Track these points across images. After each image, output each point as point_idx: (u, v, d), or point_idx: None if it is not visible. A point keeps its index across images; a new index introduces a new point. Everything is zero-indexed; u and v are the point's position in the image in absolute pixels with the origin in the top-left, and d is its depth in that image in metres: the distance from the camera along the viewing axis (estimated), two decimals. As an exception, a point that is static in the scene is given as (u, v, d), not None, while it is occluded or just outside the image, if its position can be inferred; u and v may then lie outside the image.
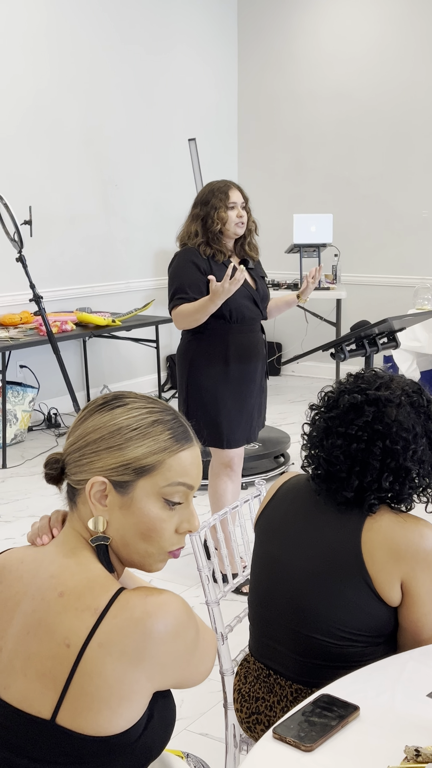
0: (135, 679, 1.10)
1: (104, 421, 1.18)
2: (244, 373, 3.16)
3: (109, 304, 6.10)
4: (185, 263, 3.08)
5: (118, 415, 1.19)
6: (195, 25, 6.60)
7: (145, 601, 1.12)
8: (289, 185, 6.96)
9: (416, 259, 6.45)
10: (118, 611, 1.11)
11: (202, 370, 3.15)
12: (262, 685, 1.68)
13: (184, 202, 6.47)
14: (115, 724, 1.10)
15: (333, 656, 1.57)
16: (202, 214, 3.10)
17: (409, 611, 1.56)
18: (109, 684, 1.09)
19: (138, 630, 1.10)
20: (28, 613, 1.16)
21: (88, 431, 1.19)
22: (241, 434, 3.21)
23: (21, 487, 4.50)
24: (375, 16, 6.34)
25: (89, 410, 1.21)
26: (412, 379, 1.71)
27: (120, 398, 1.22)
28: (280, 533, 1.67)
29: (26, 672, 1.13)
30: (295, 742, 1.28)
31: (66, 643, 1.11)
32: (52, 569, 1.18)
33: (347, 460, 1.60)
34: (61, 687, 1.10)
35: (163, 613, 1.12)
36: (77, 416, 1.23)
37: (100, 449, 1.18)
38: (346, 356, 2.92)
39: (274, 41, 6.88)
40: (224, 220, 3.07)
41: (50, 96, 5.47)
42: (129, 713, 1.11)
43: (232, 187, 3.13)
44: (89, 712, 1.09)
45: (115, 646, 1.10)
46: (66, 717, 1.10)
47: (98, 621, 1.11)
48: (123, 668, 1.09)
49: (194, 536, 1.79)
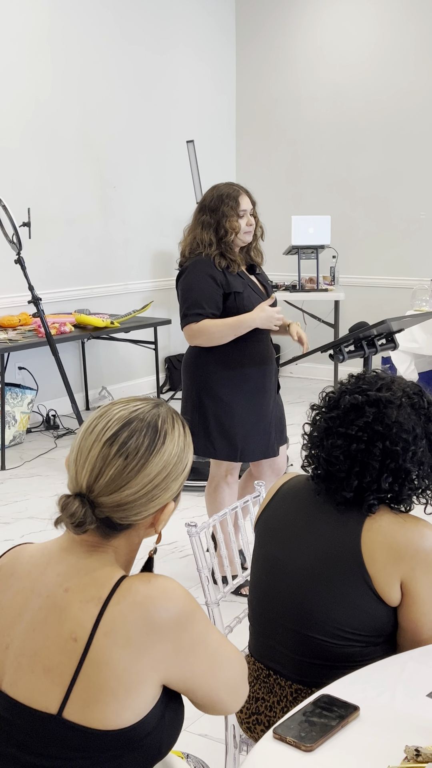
0: (140, 668, 1.11)
1: (165, 460, 1.20)
2: (258, 382, 3.04)
3: (107, 305, 6.10)
4: (202, 276, 2.92)
5: (168, 444, 1.21)
6: (193, 27, 6.61)
7: (148, 585, 1.14)
8: (287, 187, 6.97)
9: (414, 261, 6.46)
10: (121, 597, 1.13)
11: (216, 378, 3.00)
12: (262, 685, 1.69)
13: (182, 203, 6.51)
14: (123, 717, 1.11)
15: (333, 656, 1.57)
16: (213, 223, 2.96)
17: (408, 611, 1.56)
18: (117, 674, 1.10)
19: (141, 614, 1.11)
20: (35, 610, 1.17)
21: (152, 475, 1.19)
22: (256, 447, 3.06)
23: (20, 488, 4.50)
24: (373, 17, 6.36)
25: (142, 455, 1.18)
26: (413, 381, 1.71)
27: (156, 429, 1.20)
28: (281, 533, 1.68)
29: (33, 668, 1.14)
30: (295, 743, 1.28)
31: (73, 637, 1.12)
32: (59, 568, 1.19)
33: (347, 460, 1.60)
34: (68, 681, 1.11)
35: (166, 598, 1.13)
36: (127, 467, 1.17)
37: (169, 481, 1.21)
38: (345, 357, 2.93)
39: (272, 43, 6.89)
40: (236, 229, 2.95)
41: (49, 98, 5.47)
42: (136, 705, 1.11)
43: (241, 192, 2.99)
44: (97, 704, 1.10)
45: (119, 633, 1.11)
46: (73, 711, 1.11)
47: (102, 609, 1.12)
48: (129, 656, 1.10)
49: (194, 537, 1.79)
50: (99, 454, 1.17)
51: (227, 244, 2.97)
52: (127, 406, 1.23)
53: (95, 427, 1.20)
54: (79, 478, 1.18)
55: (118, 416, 1.20)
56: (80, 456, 1.19)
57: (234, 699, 1.27)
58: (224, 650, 1.23)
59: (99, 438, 1.18)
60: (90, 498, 1.17)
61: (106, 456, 1.17)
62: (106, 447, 1.17)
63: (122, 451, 1.17)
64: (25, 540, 3.79)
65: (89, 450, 1.18)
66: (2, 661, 1.19)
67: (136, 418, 1.20)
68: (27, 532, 3.88)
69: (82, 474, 1.18)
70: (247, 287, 3.01)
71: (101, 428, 1.19)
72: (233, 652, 1.26)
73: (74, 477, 1.19)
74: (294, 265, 6.35)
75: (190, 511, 4.06)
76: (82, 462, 1.19)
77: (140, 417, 1.20)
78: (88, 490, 1.17)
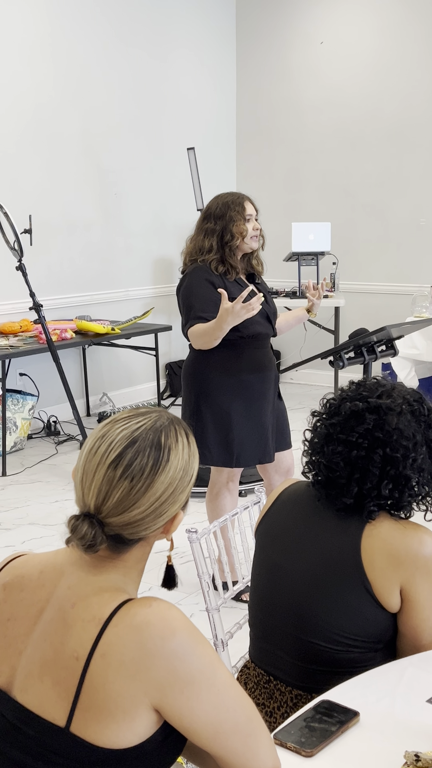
0: (134, 693, 1.10)
1: (171, 476, 1.20)
2: (256, 389, 3.06)
3: (108, 312, 6.12)
4: (199, 281, 2.96)
5: (173, 460, 1.21)
6: (194, 34, 6.64)
7: (148, 610, 1.12)
8: (287, 193, 6.99)
9: (414, 267, 6.47)
10: (120, 620, 1.12)
11: (214, 384, 3.02)
12: (262, 691, 1.69)
13: (183, 210, 6.53)
14: (124, 738, 1.10)
15: (333, 662, 1.58)
16: (218, 229, 2.98)
17: (408, 617, 1.57)
18: (113, 698, 1.09)
19: (135, 638, 1.10)
20: (47, 621, 1.18)
21: (159, 493, 1.19)
22: (252, 453, 3.08)
23: (21, 494, 4.50)
24: (373, 24, 6.38)
25: (147, 476, 1.17)
26: (413, 388, 1.72)
27: (159, 446, 1.20)
28: (281, 539, 1.68)
29: (42, 678, 1.15)
30: (295, 748, 1.29)
31: (75, 655, 1.12)
32: (70, 581, 1.20)
33: (347, 466, 1.61)
34: (72, 698, 1.11)
35: (163, 626, 1.11)
36: (134, 489, 1.17)
37: (176, 494, 1.21)
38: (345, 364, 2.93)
39: (272, 50, 6.92)
40: (243, 232, 2.97)
41: (50, 105, 5.50)
42: (136, 727, 1.10)
43: (245, 198, 3.04)
44: (98, 724, 1.10)
45: (114, 656, 1.10)
46: (79, 726, 1.11)
47: (101, 631, 1.12)
48: (122, 680, 1.09)
49: (195, 543, 1.80)
50: (104, 477, 1.17)
51: (231, 249, 2.98)
52: (129, 424, 1.21)
53: (98, 449, 1.19)
54: (86, 500, 1.18)
55: (120, 436, 1.19)
56: (86, 478, 1.19)
57: (252, 752, 1.15)
58: (233, 693, 1.15)
59: (103, 461, 1.17)
60: (99, 518, 1.17)
61: (111, 479, 1.16)
62: (111, 470, 1.17)
63: (127, 473, 1.16)
64: (25, 546, 3.80)
65: (94, 473, 1.18)
66: (15, 666, 1.20)
67: (140, 437, 1.19)
68: (28, 538, 3.88)
69: (89, 496, 1.18)
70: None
71: (104, 450, 1.18)
72: (244, 699, 1.17)
73: (81, 498, 1.19)
74: (294, 272, 6.36)
75: (191, 517, 4.07)
76: (88, 484, 1.18)
77: (143, 435, 1.19)
78: (96, 511, 1.17)
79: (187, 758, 1.30)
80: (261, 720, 1.19)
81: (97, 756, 1.11)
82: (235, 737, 1.14)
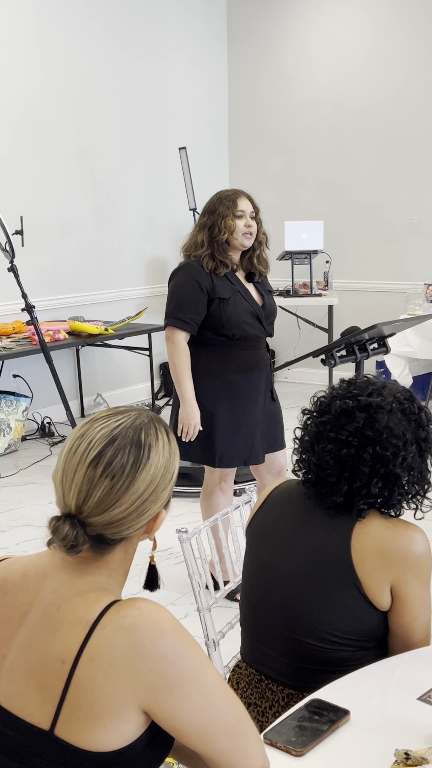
0: (123, 696, 1.09)
1: (152, 474, 1.18)
2: (243, 390, 3.03)
3: (101, 312, 6.11)
4: (188, 281, 2.95)
5: (154, 458, 1.19)
6: (185, 34, 6.63)
7: (138, 612, 1.11)
8: (280, 192, 6.99)
9: (407, 265, 6.47)
10: (108, 621, 1.11)
11: (200, 385, 3.01)
12: (254, 690, 1.69)
13: (175, 210, 6.52)
14: (110, 741, 1.10)
15: (324, 660, 1.58)
16: (209, 223, 2.97)
17: (398, 616, 1.56)
18: (100, 701, 1.08)
19: (125, 640, 1.09)
20: (32, 625, 1.17)
21: (140, 491, 1.17)
22: (235, 453, 3.06)
23: (15, 496, 4.49)
24: (365, 23, 6.38)
25: (128, 474, 1.16)
26: (404, 386, 1.72)
27: (139, 444, 1.18)
28: (272, 537, 1.68)
29: (27, 683, 1.14)
30: (285, 747, 1.28)
31: (61, 659, 1.11)
32: (54, 584, 1.19)
33: (337, 465, 1.61)
34: (57, 701, 1.10)
35: (154, 628, 1.10)
36: (114, 487, 1.16)
37: (158, 492, 1.20)
38: (337, 362, 2.93)
39: (264, 49, 6.91)
40: (231, 228, 2.94)
41: (41, 105, 5.49)
42: (123, 730, 1.10)
43: (241, 195, 3.01)
44: (84, 727, 1.09)
45: (104, 658, 1.09)
46: (63, 730, 1.10)
47: (89, 633, 1.11)
48: (112, 683, 1.08)
49: (185, 543, 1.80)
50: (84, 476, 1.16)
51: (220, 244, 2.96)
52: (108, 422, 1.20)
53: (78, 448, 1.18)
54: (67, 500, 1.17)
55: (100, 435, 1.18)
56: (66, 478, 1.17)
57: (241, 752, 1.15)
58: (222, 694, 1.14)
59: (83, 460, 1.16)
60: (80, 518, 1.16)
61: (92, 478, 1.15)
62: (91, 469, 1.15)
63: (108, 471, 1.15)
64: (20, 548, 3.79)
65: (74, 472, 1.16)
66: None
67: (119, 435, 1.18)
68: (22, 540, 3.88)
69: (69, 496, 1.17)
70: (236, 293, 2.99)
71: (84, 449, 1.17)
72: (233, 700, 1.17)
73: (62, 498, 1.18)
74: (287, 271, 6.36)
75: (185, 517, 4.06)
76: (68, 485, 1.17)
77: (122, 433, 1.18)
78: (77, 511, 1.16)
79: (177, 759, 1.30)
80: (250, 720, 1.18)
81: (83, 759, 1.10)
82: (224, 738, 1.14)
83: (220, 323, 2.96)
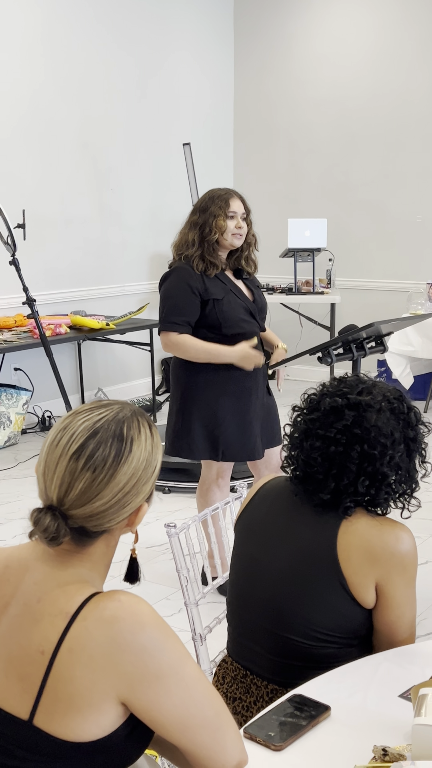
0: (102, 688, 1.10)
1: (134, 467, 1.19)
2: (244, 385, 3.05)
3: (103, 307, 6.12)
4: (179, 284, 2.95)
5: (136, 451, 1.20)
6: (191, 30, 6.63)
7: (118, 604, 1.12)
8: (284, 190, 6.99)
9: (410, 264, 6.47)
10: (88, 613, 1.12)
11: (201, 380, 3.02)
12: (239, 685, 1.70)
13: (179, 206, 6.52)
14: (88, 731, 1.10)
15: (309, 657, 1.58)
16: (200, 222, 2.97)
17: (383, 614, 1.57)
18: (80, 692, 1.09)
19: (105, 633, 1.10)
20: (13, 616, 1.17)
21: (122, 484, 1.18)
22: (239, 449, 3.07)
23: (13, 489, 4.51)
24: (370, 21, 6.37)
25: (110, 466, 1.17)
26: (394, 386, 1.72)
27: (122, 437, 1.19)
28: (259, 533, 1.69)
29: (7, 674, 1.15)
30: (264, 742, 1.29)
31: (40, 650, 1.12)
32: (35, 576, 1.19)
33: (325, 462, 1.61)
34: (36, 692, 1.11)
35: (134, 621, 1.11)
36: (96, 479, 1.16)
37: (139, 486, 1.20)
38: (333, 360, 2.93)
39: (270, 46, 6.90)
40: (222, 228, 2.94)
41: (45, 99, 5.49)
42: (101, 721, 1.11)
43: (233, 195, 3.00)
44: (63, 717, 1.10)
45: (83, 650, 1.10)
46: (42, 720, 1.11)
47: (68, 625, 1.11)
48: (91, 674, 1.09)
49: (173, 538, 1.80)
50: (66, 468, 1.16)
51: (210, 244, 2.96)
52: (90, 415, 1.20)
53: (60, 441, 1.18)
54: (48, 492, 1.18)
55: (82, 428, 1.18)
56: (48, 470, 1.18)
57: (220, 746, 1.15)
58: (201, 688, 1.15)
59: (65, 452, 1.17)
60: (61, 511, 1.17)
61: (73, 470, 1.16)
62: (72, 461, 1.16)
63: (89, 464, 1.16)
64: (17, 540, 3.80)
65: (56, 464, 1.17)
66: None
67: (101, 428, 1.18)
68: (20, 533, 3.89)
69: (51, 488, 1.17)
70: (228, 293, 3.00)
71: (66, 441, 1.17)
72: (212, 694, 1.18)
73: (44, 490, 1.19)
74: (290, 268, 6.36)
75: (182, 512, 4.07)
76: (50, 477, 1.17)
77: (105, 426, 1.19)
78: (59, 503, 1.17)
79: (158, 752, 1.30)
80: (229, 714, 1.19)
81: (61, 749, 1.11)
82: (203, 731, 1.15)
83: (218, 323, 2.97)
